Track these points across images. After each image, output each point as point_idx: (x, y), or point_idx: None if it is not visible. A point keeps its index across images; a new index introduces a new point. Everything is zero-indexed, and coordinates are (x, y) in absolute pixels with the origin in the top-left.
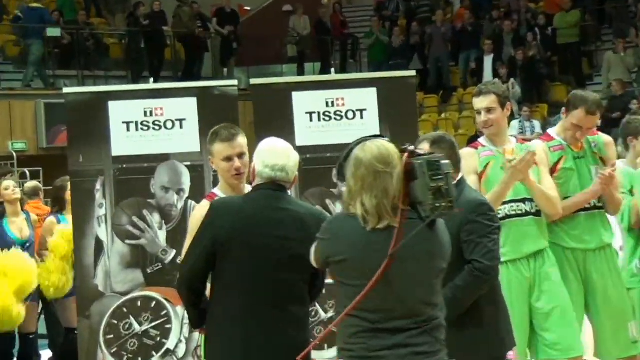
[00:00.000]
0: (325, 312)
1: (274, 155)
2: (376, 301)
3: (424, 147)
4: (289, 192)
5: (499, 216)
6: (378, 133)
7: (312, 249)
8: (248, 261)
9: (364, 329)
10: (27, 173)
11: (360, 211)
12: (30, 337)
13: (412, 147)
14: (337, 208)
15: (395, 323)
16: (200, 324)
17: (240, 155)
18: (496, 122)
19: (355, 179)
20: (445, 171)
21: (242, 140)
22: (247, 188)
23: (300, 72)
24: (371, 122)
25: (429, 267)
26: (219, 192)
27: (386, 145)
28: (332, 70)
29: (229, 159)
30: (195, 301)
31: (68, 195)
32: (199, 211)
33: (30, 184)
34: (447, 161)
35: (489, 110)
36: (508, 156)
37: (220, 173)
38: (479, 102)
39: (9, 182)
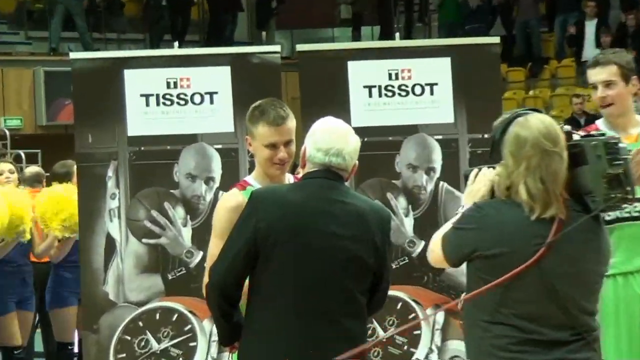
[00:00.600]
0: (384, 330)
1: (330, 137)
2: (530, 305)
3: (612, 67)
4: (346, 183)
5: (607, 219)
6: (452, 111)
7: (437, 241)
8: (296, 265)
9: (516, 340)
10: (23, 156)
11: (525, 196)
12: (16, 352)
13: (567, 127)
14: (400, 203)
15: (554, 334)
16: (233, 341)
17: (288, 143)
18: (617, 99)
19: (517, 159)
20: (624, 155)
21: (291, 124)
22: (289, 179)
23: (356, 38)
24: (443, 99)
25: (591, 268)
26: (253, 180)
27: (551, 121)
28: (397, 35)
29: (274, 146)
30: (227, 313)
31: (74, 183)
32: (226, 202)
33: (32, 169)
34: (625, 144)
35: (607, 84)
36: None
37: (258, 159)
38: (595, 74)
39: (3, 166)
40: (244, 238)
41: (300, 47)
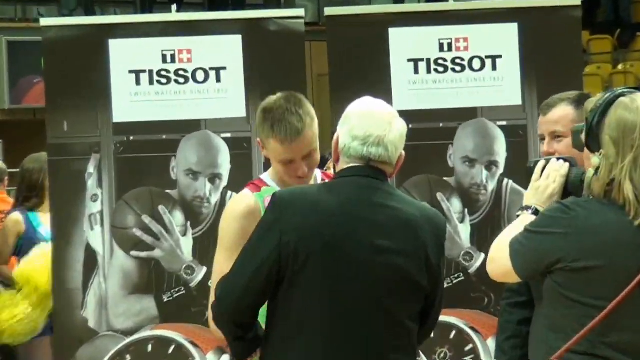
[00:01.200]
0: None
1: (368, 123)
2: (629, 334)
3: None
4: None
5: None
6: (519, 91)
7: (502, 248)
8: (331, 288)
9: None
10: None
11: (631, 196)
12: None
13: None
14: (454, 206)
15: None
16: (250, 353)
17: (308, 156)
18: None
19: (622, 149)
20: None
21: (310, 132)
22: (316, 177)
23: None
24: (509, 76)
25: None
26: (270, 180)
27: None
28: None
29: (290, 161)
30: (241, 336)
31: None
32: (235, 207)
33: None
34: None
35: None
36: None
37: (274, 167)
38: None
39: None
40: (264, 254)
41: (329, 11)
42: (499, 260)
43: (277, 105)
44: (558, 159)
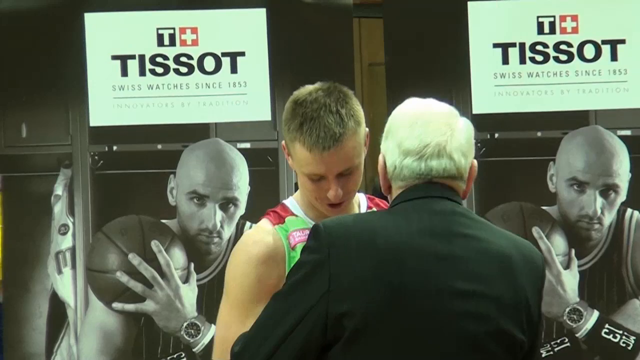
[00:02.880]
0: None
1: (420, 129)
2: None
3: None
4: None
5: None
6: None
7: None
8: (402, 348)
9: None
10: None
11: None
12: None
13: None
14: (556, 245)
15: None
16: None
17: (345, 173)
18: None
19: None
20: None
21: (353, 142)
22: (359, 202)
23: None
24: (636, 68)
25: None
26: (297, 207)
27: None
28: None
29: (319, 177)
30: None
31: None
32: (248, 248)
33: None
34: None
35: None
36: None
37: (302, 189)
38: None
39: None
40: (303, 311)
41: None
42: None
43: (312, 98)
44: None
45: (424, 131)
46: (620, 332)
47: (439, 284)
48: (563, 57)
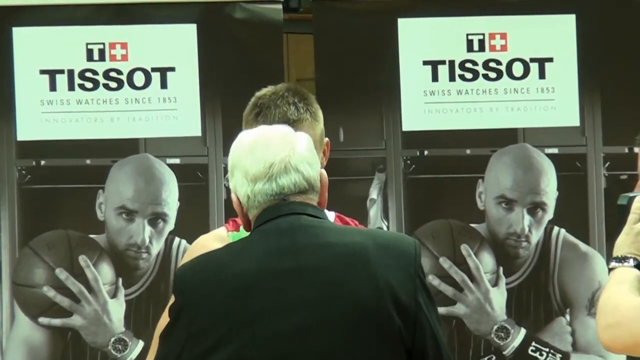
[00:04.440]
0: None
1: (262, 152)
2: None
3: None
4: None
5: None
6: (577, 108)
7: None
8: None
9: None
10: None
11: None
12: None
13: None
14: (485, 263)
15: None
16: None
17: None
18: None
19: None
20: None
21: (311, 133)
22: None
23: None
24: (562, 86)
25: None
26: None
27: None
28: None
29: None
30: None
31: None
32: (196, 251)
33: None
34: None
35: None
36: None
37: None
38: None
39: None
40: (174, 357)
41: None
42: (629, 326)
43: (272, 91)
44: None
45: (265, 152)
46: (547, 349)
47: (289, 299)
48: (492, 75)
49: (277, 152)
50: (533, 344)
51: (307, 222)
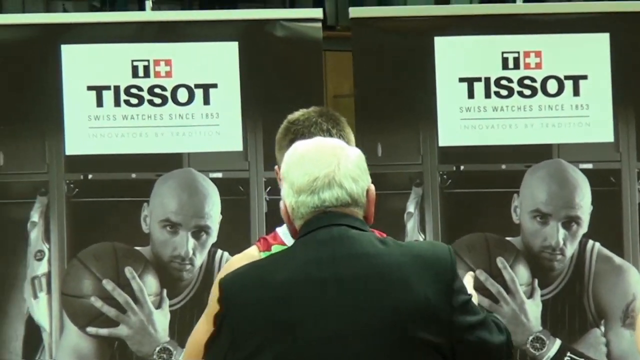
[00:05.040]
0: None
1: (307, 166)
2: None
3: None
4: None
5: None
6: (611, 124)
7: None
8: None
9: None
10: None
11: None
12: None
13: None
14: (520, 276)
15: None
16: None
17: None
18: None
19: None
20: None
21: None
22: None
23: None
24: (597, 103)
25: None
26: (287, 234)
27: None
28: None
29: None
30: None
31: None
32: (235, 268)
33: None
34: None
35: None
36: None
37: None
38: None
39: None
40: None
41: (355, 12)
42: None
43: (305, 117)
44: None
45: (311, 166)
46: None
47: (328, 307)
48: (527, 92)
49: (323, 167)
50: (568, 354)
51: (346, 233)
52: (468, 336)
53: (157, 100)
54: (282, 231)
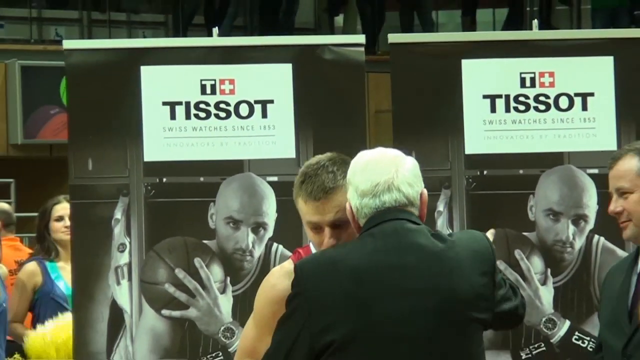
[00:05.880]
0: None
1: (370, 173)
2: None
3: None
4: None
5: None
6: (614, 134)
7: None
8: (373, 346)
9: None
10: None
11: None
12: None
13: None
14: (535, 265)
15: None
16: None
17: (339, 225)
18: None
19: None
20: None
21: (341, 197)
22: None
23: (468, 26)
24: (602, 116)
25: None
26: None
27: None
28: (534, 23)
29: (316, 227)
30: None
31: (54, 230)
32: (270, 289)
33: (0, 206)
34: None
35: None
36: None
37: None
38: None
39: None
40: (295, 335)
41: (393, 38)
42: None
43: (315, 161)
44: None
45: (373, 173)
46: (588, 338)
47: (394, 290)
48: (542, 107)
49: (383, 174)
50: (576, 333)
51: (408, 226)
52: (501, 307)
53: (222, 114)
54: (313, 246)
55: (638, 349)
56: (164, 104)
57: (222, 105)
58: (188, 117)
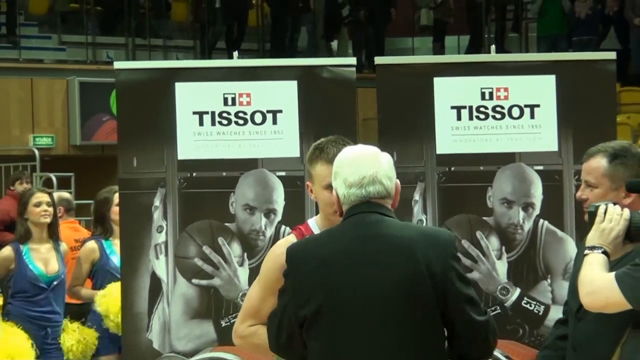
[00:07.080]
0: None
1: (359, 166)
2: None
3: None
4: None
5: None
6: (556, 138)
7: (607, 283)
8: (337, 337)
9: None
10: (54, 180)
11: None
12: None
13: None
14: (492, 244)
15: None
16: None
17: None
18: None
19: None
20: None
21: None
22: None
23: (438, 50)
24: (546, 124)
25: None
26: (316, 226)
27: None
28: (492, 48)
29: (332, 187)
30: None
31: (114, 213)
32: (275, 258)
33: (62, 194)
34: None
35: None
36: None
37: (320, 205)
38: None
39: (41, 196)
40: (283, 307)
41: (379, 60)
42: (602, 293)
43: (327, 139)
44: (614, 203)
45: (360, 168)
46: (535, 302)
47: (358, 273)
48: (498, 116)
49: (368, 168)
50: (525, 298)
51: (379, 218)
52: (467, 308)
53: (240, 122)
54: (312, 223)
55: (588, 312)
56: (194, 113)
57: (241, 114)
58: (213, 123)
